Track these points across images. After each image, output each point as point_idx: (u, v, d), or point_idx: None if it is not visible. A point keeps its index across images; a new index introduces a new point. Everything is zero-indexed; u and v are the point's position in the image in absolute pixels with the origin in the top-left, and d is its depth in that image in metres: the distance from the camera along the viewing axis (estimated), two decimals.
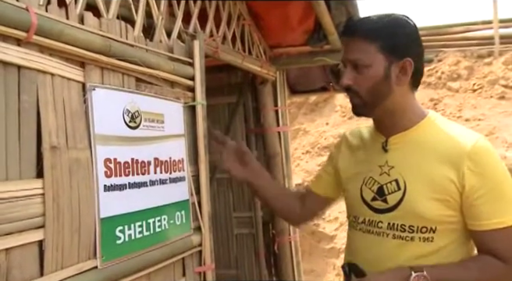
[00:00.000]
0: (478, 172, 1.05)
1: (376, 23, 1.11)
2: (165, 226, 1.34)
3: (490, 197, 1.06)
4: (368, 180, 1.20)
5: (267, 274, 2.54)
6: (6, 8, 0.84)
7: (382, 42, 1.09)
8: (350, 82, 1.12)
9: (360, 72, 1.11)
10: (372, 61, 1.10)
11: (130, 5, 1.32)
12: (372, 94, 1.11)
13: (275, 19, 2.16)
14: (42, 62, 0.95)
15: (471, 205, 1.07)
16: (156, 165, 1.31)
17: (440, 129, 1.15)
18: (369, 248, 1.19)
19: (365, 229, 1.20)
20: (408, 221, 1.12)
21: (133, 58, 1.22)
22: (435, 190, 1.09)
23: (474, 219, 1.08)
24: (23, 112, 0.90)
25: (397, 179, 1.14)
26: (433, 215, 1.09)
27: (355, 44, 1.11)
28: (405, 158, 1.14)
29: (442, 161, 1.09)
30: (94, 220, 1.06)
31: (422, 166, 1.11)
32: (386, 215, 1.15)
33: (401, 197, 1.13)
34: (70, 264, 0.99)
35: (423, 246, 1.11)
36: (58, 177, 0.97)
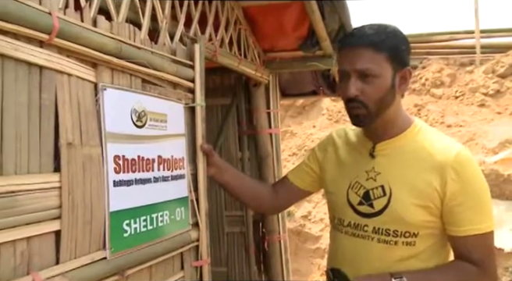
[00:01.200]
0: (459, 181, 1.11)
1: (381, 34, 1.12)
2: (167, 221, 1.40)
3: (469, 205, 1.12)
4: (354, 184, 1.24)
5: (256, 271, 2.62)
6: (32, 11, 0.90)
7: (389, 52, 1.12)
8: (358, 93, 1.12)
9: (369, 82, 1.11)
10: (382, 71, 1.11)
11: (138, 9, 1.38)
12: (379, 104, 1.13)
13: (271, 24, 2.24)
14: (61, 62, 1.00)
15: (450, 212, 1.13)
16: (159, 162, 1.37)
17: (425, 138, 1.19)
18: (354, 251, 1.23)
19: (351, 232, 1.24)
20: (393, 226, 1.17)
21: (141, 60, 1.28)
22: (418, 196, 1.14)
23: (453, 225, 1.14)
24: (43, 109, 0.95)
25: (383, 185, 1.18)
26: (416, 220, 1.15)
27: (363, 54, 1.11)
28: (391, 165, 1.19)
29: (426, 169, 1.14)
30: (104, 213, 1.12)
31: (407, 174, 1.16)
32: (372, 219, 1.19)
33: (386, 202, 1.17)
34: (83, 254, 1.04)
35: (406, 249, 1.16)
36: (73, 172, 1.02)
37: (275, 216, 2.56)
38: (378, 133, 1.21)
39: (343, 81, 1.17)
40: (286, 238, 2.61)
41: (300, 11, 2.13)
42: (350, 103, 1.16)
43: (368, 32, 1.13)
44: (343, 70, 1.17)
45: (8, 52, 0.85)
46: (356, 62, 1.12)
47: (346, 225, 1.25)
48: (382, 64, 1.11)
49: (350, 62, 1.13)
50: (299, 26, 2.26)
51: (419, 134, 1.20)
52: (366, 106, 1.13)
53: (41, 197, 0.94)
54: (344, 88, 1.16)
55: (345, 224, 1.25)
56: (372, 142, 1.22)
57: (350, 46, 1.14)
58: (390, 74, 1.12)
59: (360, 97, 1.12)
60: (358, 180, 1.23)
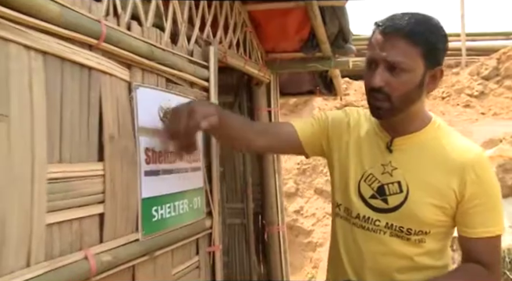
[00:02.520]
0: (478, 183, 1.11)
1: (421, 26, 1.04)
2: (186, 209, 1.53)
3: (484, 207, 1.12)
4: (368, 176, 1.19)
5: (256, 261, 2.75)
6: (84, 20, 1.02)
7: (425, 47, 1.04)
8: (383, 84, 1.05)
9: (397, 75, 1.04)
10: (413, 66, 1.04)
11: (162, 14, 1.50)
12: (404, 100, 1.07)
13: (275, 27, 2.37)
14: (105, 64, 1.12)
15: (465, 213, 1.13)
16: None
17: (444, 136, 1.17)
18: (366, 244, 1.21)
19: (359, 225, 1.21)
20: (407, 224, 1.15)
21: (167, 61, 1.41)
22: (435, 196, 1.12)
23: (467, 226, 1.14)
24: (90, 106, 1.08)
25: (400, 181, 1.15)
26: (431, 220, 1.14)
27: (397, 45, 1.03)
28: (409, 162, 1.15)
29: (445, 169, 1.12)
30: (137, 200, 1.25)
31: (426, 172, 1.13)
32: (386, 214, 1.17)
33: (403, 200, 1.14)
34: (120, 236, 1.17)
35: (417, 246, 1.17)
36: (113, 162, 1.14)
37: (274, 208, 2.70)
38: (398, 127, 1.16)
39: (369, 69, 1.10)
40: (284, 229, 2.76)
41: (303, 15, 2.27)
42: (373, 93, 1.09)
43: (409, 21, 1.03)
44: (371, 57, 1.08)
45: (67, 56, 0.98)
46: (388, 51, 1.04)
47: (355, 216, 1.21)
48: (415, 59, 1.04)
49: (381, 50, 1.05)
50: (301, 30, 2.39)
51: (438, 132, 1.17)
52: (390, 100, 1.06)
53: (89, 183, 1.06)
54: (369, 76, 1.08)
55: (353, 215, 1.22)
56: (390, 135, 1.18)
57: (385, 33, 1.05)
58: (421, 71, 1.06)
59: (386, 88, 1.05)
60: (373, 173, 1.19)
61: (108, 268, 1.08)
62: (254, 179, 2.77)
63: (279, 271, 2.73)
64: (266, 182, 2.73)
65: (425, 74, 1.07)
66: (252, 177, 2.77)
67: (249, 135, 1.33)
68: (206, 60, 1.74)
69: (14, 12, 0.82)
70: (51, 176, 0.93)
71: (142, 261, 1.26)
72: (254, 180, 2.76)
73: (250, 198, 2.74)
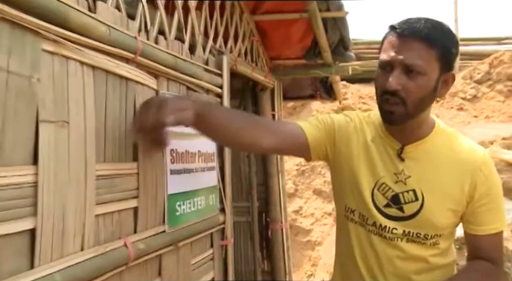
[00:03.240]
0: (486, 184, 1.15)
1: (437, 31, 1.03)
2: (203, 205, 1.67)
3: (490, 206, 1.16)
4: (380, 185, 1.18)
5: (260, 257, 2.90)
6: (125, 37, 1.16)
7: (441, 51, 1.03)
8: (399, 87, 1.03)
9: (414, 78, 1.02)
10: (429, 70, 1.02)
11: (182, 28, 1.65)
12: (418, 104, 1.06)
13: (280, 36, 2.52)
14: (138, 75, 1.27)
15: (474, 212, 1.16)
16: (199, 156, 1.64)
17: (449, 140, 1.19)
18: (383, 249, 1.20)
19: (376, 232, 1.20)
20: (424, 230, 1.16)
21: (188, 71, 1.56)
22: (450, 201, 1.15)
23: (475, 224, 1.16)
24: (127, 112, 1.22)
25: (415, 189, 1.15)
26: (446, 224, 1.17)
27: (414, 47, 1.02)
28: (422, 169, 1.15)
29: (457, 173, 1.14)
30: (164, 195, 1.39)
31: (438, 178, 1.14)
32: (402, 222, 1.16)
33: (419, 208, 1.15)
34: (151, 227, 1.31)
35: (432, 248, 1.19)
36: (146, 162, 1.29)
37: (277, 207, 2.85)
38: (407, 134, 1.15)
39: (383, 72, 1.07)
40: (287, 227, 2.91)
41: (306, 25, 2.43)
42: (386, 96, 1.06)
43: (425, 25, 1.02)
44: (386, 60, 1.05)
45: (111, 69, 1.12)
46: (405, 53, 1.02)
47: (371, 224, 1.20)
48: (432, 62, 1.03)
49: (398, 53, 1.03)
50: (304, 38, 2.55)
51: (443, 136, 1.19)
52: (405, 104, 1.04)
53: (126, 180, 1.20)
54: (384, 79, 1.06)
55: (369, 223, 1.20)
56: (400, 143, 1.17)
57: (402, 35, 1.03)
58: (436, 75, 1.05)
59: (402, 92, 1.03)
60: (385, 182, 1.17)
61: (141, 255, 1.23)
62: (259, 180, 2.91)
63: (283, 266, 2.87)
64: (270, 182, 2.88)
65: (439, 78, 1.06)
66: (257, 177, 2.91)
67: (253, 134, 1.19)
68: (220, 68, 1.89)
69: (72, 34, 0.97)
70: (99, 174, 1.07)
71: (168, 251, 1.40)
72: (258, 180, 2.91)
73: (255, 197, 2.88)
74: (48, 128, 0.91)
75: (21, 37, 0.84)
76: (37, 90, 0.89)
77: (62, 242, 0.95)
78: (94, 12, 1.07)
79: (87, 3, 1.06)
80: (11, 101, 0.82)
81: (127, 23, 1.22)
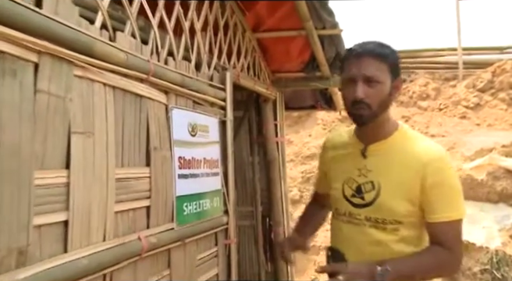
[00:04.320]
0: (435, 177, 1.29)
1: (384, 48, 1.31)
2: (208, 207, 1.86)
3: (442, 196, 1.30)
4: (348, 180, 1.42)
5: (264, 259, 3.07)
6: (140, 61, 1.37)
7: (390, 63, 1.29)
8: (364, 95, 1.27)
9: (373, 86, 1.27)
10: (384, 78, 1.29)
11: (189, 48, 1.85)
12: (380, 105, 1.29)
13: (280, 51, 2.72)
14: (150, 92, 1.47)
15: (427, 201, 1.30)
16: (204, 162, 1.84)
17: (409, 140, 1.36)
18: (351, 235, 1.41)
19: (346, 220, 1.42)
20: (381, 215, 1.34)
21: (194, 87, 1.76)
22: (403, 190, 1.31)
23: (429, 213, 1.31)
24: (141, 124, 1.42)
25: (373, 180, 1.35)
26: (401, 210, 1.32)
27: (371, 63, 1.27)
28: (381, 164, 1.36)
29: (410, 167, 1.31)
30: (172, 197, 1.58)
31: (394, 172, 1.33)
32: (364, 209, 1.37)
33: (375, 195, 1.34)
34: (161, 224, 1.50)
35: (392, 234, 1.33)
36: (157, 167, 1.49)
37: (280, 211, 3.02)
38: (369, 135, 1.38)
39: (349, 86, 1.31)
40: (290, 230, 3.08)
41: (304, 41, 2.62)
42: (356, 104, 1.30)
43: (374, 46, 1.30)
44: (349, 76, 1.30)
45: (128, 88, 1.32)
46: (364, 69, 1.27)
47: (342, 214, 1.43)
48: (385, 72, 1.28)
49: (359, 69, 1.27)
50: (302, 53, 2.74)
51: (405, 137, 1.37)
52: (370, 107, 1.28)
53: (140, 183, 1.40)
54: (352, 91, 1.29)
55: (341, 213, 1.44)
56: (364, 144, 1.39)
57: (359, 56, 1.29)
58: (389, 82, 1.30)
59: (366, 99, 1.27)
60: (351, 176, 1.41)
61: (153, 248, 1.42)
62: (262, 186, 3.10)
63: (285, 268, 3.04)
64: (273, 188, 3.06)
65: (392, 84, 1.32)
66: (260, 184, 3.10)
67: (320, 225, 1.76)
68: (223, 83, 2.09)
69: (97, 60, 1.18)
70: (118, 177, 1.27)
71: (176, 246, 1.59)
72: (262, 186, 3.09)
73: (259, 202, 3.07)
74: (78, 138, 1.12)
75: (58, 65, 1.05)
76: (69, 107, 1.09)
77: (88, 232, 1.15)
78: (114, 41, 1.28)
79: (108, 34, 1.27)
80: (50, 117, 1.03)
81: (141, 47, 1.43)
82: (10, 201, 0.92)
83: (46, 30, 0.99)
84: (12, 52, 0.93)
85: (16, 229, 0.93)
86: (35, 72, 1.00)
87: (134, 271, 1.35)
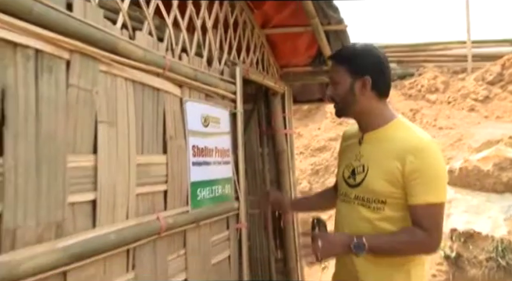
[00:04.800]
0: (415, 163, 1.42)
1: (345, 52, 1.57)
2: (220, 193, 2.00)
3: (422, 180, 1.42)
4: (348, 164, 1.62)
5: (273, 245, 3.20)
6: (157, 57, 1.50)
7: (348, 65, 1.51)
8: (330, 93, 1.58)
9: (335, 87, 1.55)
10: (340, 79, 1.52)
11: (201, 44, 1.98)
12: (343, 101, 1.55)
13: (288, 47, 2.83)
14: (167, 86, 1.60)
15: (408, 185, 1.43)
16: (216, 151, 1.97)
17: (401, 130, 1.51)
18: (345, 212, 1.61)
19: (342, 199, 1.63)
20: (366, 194, 1.51)
21: (206, 81, 1.88)
22: (386, 173, 1.46)
23: (410, 195, 1.44)
24: (158, 116, 1.55)
25: (363, 164, 1.54)
26: (383, 191, 1.47)
27: (333, 68, 1.56)
28: (371, 150, 1.54)
29: (394, 153, 1.46)
30: (187, 182, 1.72)
31: (380, 156, 1.49)
32: (355, 189, 1.56)
33: (363, 177, 1.53)
34: (176, 207, 1.63)
35: (376, 213, 1.49)
36: (173, 155, 1.62)
37: None
38: (363, 125, 1.59)
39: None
40: (298, 217, 3.20)
41: (311, 37, 2.73)
42: (331, 101, 1.62)
43: (337, 52, 1.61)
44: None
45: (146, 82, 1.46)
46: (330, 72, 1.59)
47: (341, 194, 1.64)
48: (342, 74, 1.52)
49: (329, 72, 1.61)
50: (310, 48, 2.85)
51: (398, 127, 1.52)
52: (337, 103, 1.58)
53: (158, 169, 1.54)
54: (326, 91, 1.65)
55: (341, 193, 1.65)
56: (362, 133, 1.60)
57: (330, 60, 1.63)
58: (349, 81, 1.51)
59: (334, 97, 1.57)
60: (350, 161, 1.61)
61: (170, 228, 1.55)
62: (272, 176, 3.22)
63: (294, 253, 3.17)
64: (282, 178, 3.18)
65: (354, 83, 1.52)
66: (270, 174, 3.22)
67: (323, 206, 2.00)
68: (233, 77, 2.21)
69: (119, 57, 1.31)
70: (138, 163, 1.41)
71: (190, 228, 1.73)
72: (271, 177, 3.22)
73: None
74: (103, 127, 1.25)
75: (86, 62, 1.19)
76: (96, 100, 1.23)
77: (113, 211, 1.28)
78: (133, 39, 1.41)
79: (128, 33, 1.40)
80: (80, 108, 1.17)
81: (158, 45, 1.56)
82: (48, 182, 1.06)
83: (77, 30, 1.13)
84: (49, 51, 1.06)
85: (53, 206, 1.07)
86: (67, 68, 1.13)
87: (154, 248, 1.48)
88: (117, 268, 1.31)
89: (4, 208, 0.94)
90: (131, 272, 1.37)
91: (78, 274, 1.14)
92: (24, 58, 1.00)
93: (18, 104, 0.98)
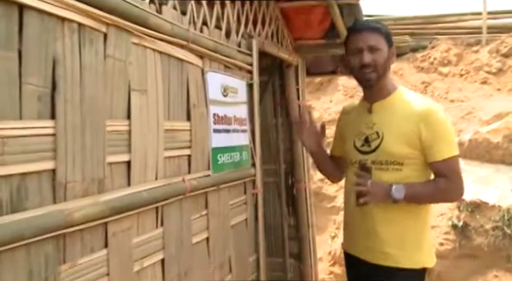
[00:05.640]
0: (429, 126, 1.59)
1: (379, 25, 1.69)
2: (238, 159, 2.12)
3: (438, 140, 1.60)
4: (358, 134, 1.72)
5: (287, 212, 3.35)
6: (182, 30, 1.60)
7: (385, 36, 1.65)
8: (370, 60, 1.61)
9: (376, 53, 1.61)
10: (383, 46, 1.63)
11: (220, 18, 2.06)
12: (383, 68, 1.63)
13: (301, 20, 2.89)
14: (190, 57, 1.71)
15: (428, 146, 1.60)
16: (235, 119, 2.08)
17: (406, 97, 1.68)
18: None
19: (357, 166, 1.70)
20: (384, 157, 1.64)
21: (225, 52, 1.98)
22: (402, 135, 1.61)
23: (430, 154, 1.61)
24: (182, 85, 1.67)
25: (377, 131, 1.66)
26: (400, 152, 1.61)
27: (372, 36, 1.62)
28: (384, 117, 1.66)
29: (408, 118, 1.62)
30: (209, 148, 1.84)
31: (394, 122, 1.64)
32: (370, 155, 1.68)
33: (379, 142, 1.65)
34: (199, 171, 1.77)
35: (395, 173, 1.62)
36: (196, 121, 1.74)
37: (301, 168, 3.27)
38: (374, 95, 1.70)
39: (356, 55, 1.64)
40: (310, 186, 3.34)
41: (325, 10, 2.79)
42: (363, 69, 1.63)
43: (371, 23, 1.72)
44: (356, 46, 1.64)
45: (172, 54, 1.56)
46: (367, 40, 1.62)
47: (354, 162, 1.74)
48: (383, 42, 1.63)
49: (363, 41, 1.62)
50: (323, 22, 2.91)
51: (403, 95, 1.69)
52: (376, 70, 1.62)
53: (183, 134, 1.66)
54: (358, 59, 1.63)
55: (352, 161, 1.75)
56: (369, 103, 1.72)
57: (361, 31, 1.66)
58: (387, 49, 1.64)
59: (372, 63, 1.62)
60: (360, 130, 1.71)
61: (194, 190, 1.69)
62: (285, 145, 3.34)
63: (306, 220, 3.32)
64: (295, 147, 3.30)
65: (388, 51, 1.65)
66: (283, 144, 3.34)
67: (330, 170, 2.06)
68: (250, 49, 2.30)
69: (149, 30, 1.41)
70: (166, 128, 1.53)
71: (211, 191, 1.86)
72: (285, 146, 3.34)
73: (282, 161, 3.32)
74: (136, 95, 1.37)
75: (120, 35, 1.30)
76: (129, 69, 1.34)
77: (144, 171, 1.42)
78: (160, 13, 1.51)
79: (155, 7, 1.50)
80: (116, 77, 1.28)
81: (181, 18, 1.66)
82: (91, 142, 1.19)
83: (113, 6, 1.23)
84: (89, 25, 1.17)
85: (96, 164, 1.20)
86: (104, 40, 1.24)
87: (180, 207, 1.62)
88: (148, 223, 1.45)
89: (57, 164, 1.07)
90: (160, 227, 1.51)
91: (116, 225, 1.28)
92: (70, 31, 1.11)
93: (66, 72, 1.10)
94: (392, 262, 1.67)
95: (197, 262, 1.74)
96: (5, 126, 0.93)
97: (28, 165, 0.99)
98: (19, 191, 0.97)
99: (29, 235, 0.97)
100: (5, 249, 0.92)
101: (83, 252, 1.16)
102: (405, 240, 1.68)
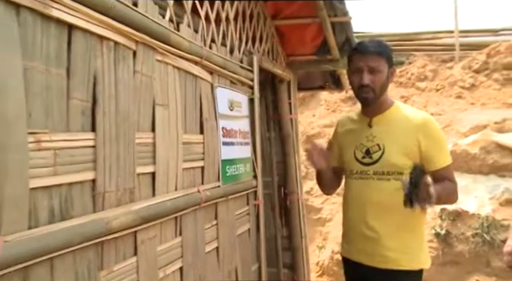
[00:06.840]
0: (428, 136, 1.69)
1: (381, 47, 1.71)
2: (242, 171, 2.20)
3: (437, 149, 1.70)
4: (358, 146, 1.79)
5: (280, 223, 3.42)
6: (196, 47, 1.68)
7: (386, 57, 1.70)
8: (369, 81, 1.67)
9: (375, 74, 1.67)
10: (383, 68, 1.68)
11: (225, 36, 2.16)
12: (381, 89, 1.70)
13: (295, 36, 3.02)
14: (202, 73, 1.78)
15: (426, 156, 1.68)
16: (239, 133, 2.16)
17: (403, 110, 1.77)
18: (361, 187, 1.77)
19: (357, 177, 1.79)
20: (386, 168, 1.71)
21: (231, 68, 2.07)
22: (402, 147, 1.69)
23: (431, 162, 1.69)
24: (196, 99, 1.74)
25: (378, 143, 1.73)
26: (401, 163, 1.68)
27: (373, 58, 1.67)
28: (383, 130, 1.74)
29: (407, 130, 1.71)
30: (219, 160, 1.91)
31: (394, 135, 1.72)
32: (372, 166, 1.74)
33: (381, 154, 1.72)
34: (211, 182, 1.83)
35: (395, 183, 1.64)
36: (207, 134, 1.81)
37: (294, 181, 3.36)
38: (373, 111, 1.77)
39: (357, 75, 1.71)
40: (303, 198, 3.42)
41: (318, 27, 2.92)
42: (362, 88, 1.70)
43: (374, 45, 1.72)
44: (357, 66, 1.70)
45: (189, 70, 1.64)
46: (368, 61, 1.67)
47: (355, 173, 1.80)
48: (383, 64, 1.68)
49: (364, 62, 1.68)
50: (316, 38, 3.04)
51: (400, 109, 1.78)
52: (374, 91, 1.69)
53: (197, 146, 1.73)
54: (358, 78, 1.70)
55: (353, 172, 1.80)
56: (369, 117, 1.79)
57: (363, 52, 1.70)
58: (386, 70, 1.69)
59: (371, 84, 1.68)
60: (362, 142, 1.78)
61: (208, 200, 1.75)
62: (278, 158, 3.42)
63: (299, 231, 3.39)
64: (288, 160, 3.38)
65: (388, 72, 1.72)
66: (276, 156, 3.42)
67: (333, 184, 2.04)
68: (251, 65, 2.40)
69: (170, 48, 1.49)
70: (184, 141, 1.60)
71: (221, 201, 1.93)
72: (278, 159, 3.42)
73: (275, 173, 3.40)
74: (159, 109, 1.44)
75: (147, 52, 1.37)
76: (154, 84, 1.41)
77: (167, 182, 1.48)
78: (178, 31, 1.59)
79: (173, 25, 1.58)
80: (143, 92, 1.35)
81: (195, 35, 1.74)
82: (124, 154, 1.24)
83: (142, 24, 1.30)
84: (122, 42, 1.24)
85: (128, 175, 1.26)
86: (133, 57, 1.31)
87: (195, 217, 1.68)
88: (169, 232, 1.50)
89: (97, 175, 1.12)
90: (179, 237, 1.56)
91: (144, 234, 1.33)
92: (107, 49, 1.17)
93: (104, 87, 1.16)
94: (392, 265, 1.76)
95: (210, 271, 1.79)
96: (58, 138, 0.99)
97: (74, 175, 1.04)
98: (66, 200, 1.02)
99: (77, 242, 1.01)
100: (56, 255, 0.97)
101: (117, 259, 1.20)
102: (406, 243, 1.76)
